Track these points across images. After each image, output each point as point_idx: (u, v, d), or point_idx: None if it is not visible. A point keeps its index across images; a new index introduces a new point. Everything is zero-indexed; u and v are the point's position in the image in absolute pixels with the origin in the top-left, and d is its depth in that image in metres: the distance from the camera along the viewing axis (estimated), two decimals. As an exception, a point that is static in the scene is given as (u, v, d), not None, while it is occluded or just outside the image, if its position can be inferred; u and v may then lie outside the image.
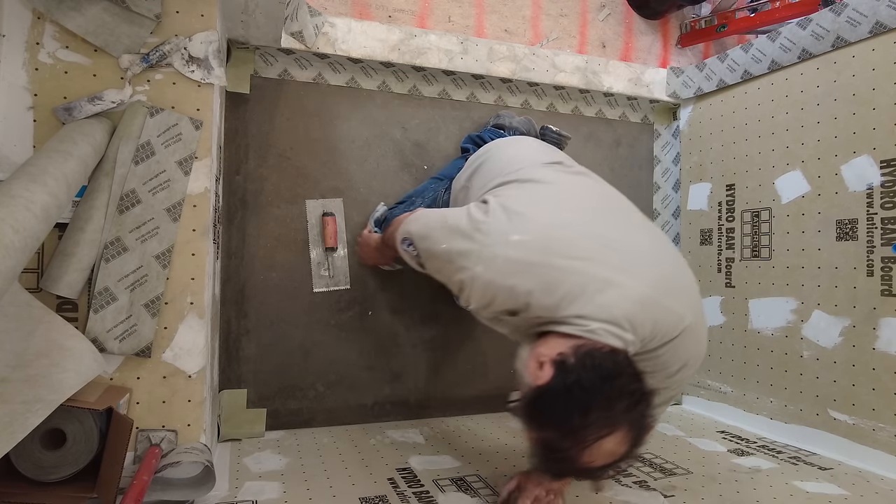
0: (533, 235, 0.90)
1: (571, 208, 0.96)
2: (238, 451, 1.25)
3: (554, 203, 0.97)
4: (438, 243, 0.97)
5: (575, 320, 0.85)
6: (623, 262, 0.89)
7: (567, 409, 0.79)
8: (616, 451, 0.79)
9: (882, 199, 1.27)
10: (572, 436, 0.78)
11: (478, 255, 0.90)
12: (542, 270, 0.88)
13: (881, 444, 1.26)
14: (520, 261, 0.88)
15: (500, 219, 0.92)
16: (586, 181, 1.08)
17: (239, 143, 1.42)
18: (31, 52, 0.98)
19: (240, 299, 1.41)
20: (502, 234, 0.90)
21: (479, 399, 1.63)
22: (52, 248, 0.97)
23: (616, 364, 0.81)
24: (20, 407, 0.78)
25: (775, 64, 1.52)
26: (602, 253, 0.90)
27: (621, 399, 0.78)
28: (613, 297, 0.86)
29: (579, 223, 0.93)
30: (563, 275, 0.87)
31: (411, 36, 1.53)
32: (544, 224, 0.92)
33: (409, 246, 1.04)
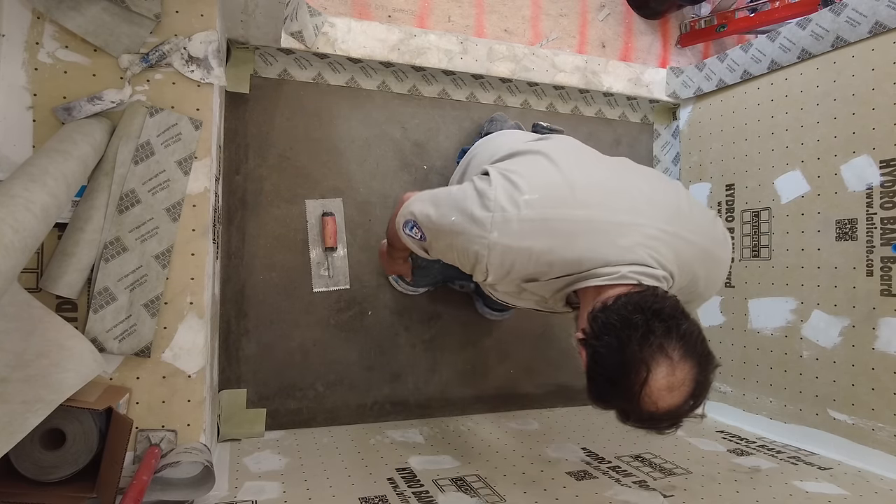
0: (541, 193, 0.89)
1: (569, 164, 0.95)
2: (238, 451, 1.24)
3: (551, 163, 0.95)
4: (447, 217, 0.94)
5: (602, 269, 0.85)
6: (632, 204, 0.90)
7: (605, 380, 0.80)
8: (673, 379, 0.76)
9: (881, 199, 1.28)
10: (624, 396, 0.78)
11: (490, 222, 0.88)
12: (559, 224, 0.87)
13: (881, 443, 1.26)
14: (534, 219, 0.87)
15: (505, 184, 0.90)
16: (573, 141, 1.08)
17: (238, 142, 1.42)
18: (30, 52, 0.98)
19: (239, 299, 1.41)
20: (511, 197, 0.88)
21: (479, 399, 1.63)
22: (52, 247, 0.97)
23: (628, 303, 0.80)
24: (20, 407, 0.78)
25: (775, 64, 1.52)
26: (609, 198, 0.90)
27: (635, 333, 0.76)
28: (634, 237, 0.86)
29: (580, 175, 0.92)
30: (579, 225, 0.87)
31: (411, 36, 1.53)
32: (548, 181, 0.91)
33: (412, 229, 1.02)
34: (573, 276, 0.89)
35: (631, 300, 0.80)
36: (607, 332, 0.79)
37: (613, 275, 0.85)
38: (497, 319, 1.63)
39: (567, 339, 1.73)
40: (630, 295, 0.82)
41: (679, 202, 0.96)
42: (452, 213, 0.93)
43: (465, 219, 0.91)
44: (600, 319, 0.81)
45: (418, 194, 1.06)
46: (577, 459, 1.27)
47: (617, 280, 0.85)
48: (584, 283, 0.88)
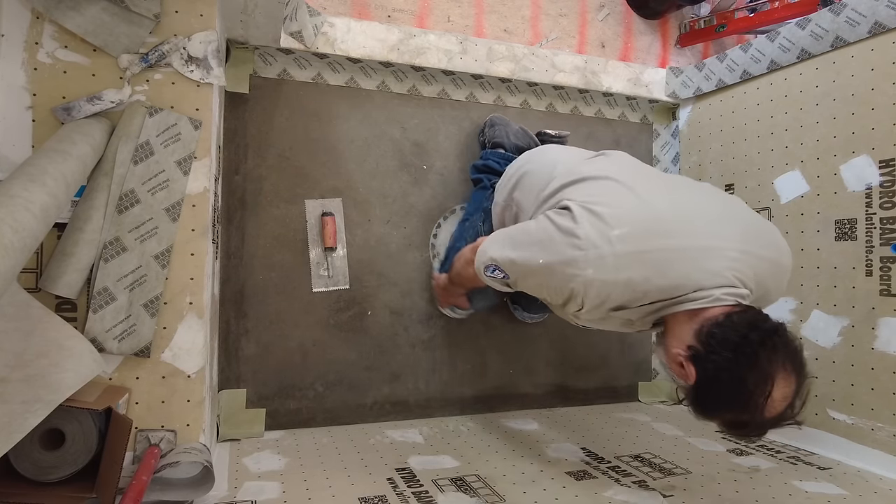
0: (631, 226, 0.91)
1: (645, 189, 0.97)
2: (237, 451, 1.24)
3: (628, 189, 0.97)
4: (533, 259, 0.95)
5: (697, 294, 0.90)
6: (710, 227, 0.95)
7: (726, 393, 0.85)
8: (789, 391, 0.83)
9: (881, 199, 1.28)
10: (746, 407, 0.83)
11: (585, 260, 0.90)
12: (652, 255, 0.90)
13: (880, 443, 1.26)
14: (629, 253, 0.90)
15: (592, 219, 0.92)
16: (628, 158, 1.11)
17: (238, 142, 1.42)
18: (30, 52, 0.98)
19: (239, 299, 1.41)
20: (601, 233, 0.90)
21: (479, 399, 1.63)
22: (51, 247, 0.97)
23: (741, 322, 0.86)
24: (19, 407, 0.78)
25: (774, 64, 1.52)
26: (691, 224, 0.94)
27: (762, 349, 0.83)
28: (721, 261, 0.92)
29: (660, 201, 0.96)
30: (671, 254, 0.91)
31: (410, 36, 1.53)
32: (634, 212, 0.93)
33: (494, 272, 1.04)
34: (667, 301, 0.93)
35: (743, 319, 0.87)
36: (726, 349, 0.84)
37: (708, 298, 0.90)
38: (536, 321, 1.64)
39: (564, 340, 1.73)
40: (740, 314, 0.88)
41: (745, 218, 1.02)
42: (539, 255, 0.95)
43: (554, 259, 0.93)
44: (717, 336, 0.86)
45: (489, 239, 1.08)
46: (576, 459, 1.27)
47: (712, 303, 0.90)
48: (679, 307, 0.93)
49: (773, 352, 0.83)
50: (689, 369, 0.89)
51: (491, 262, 1.04)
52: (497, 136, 1.55)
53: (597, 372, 1.78)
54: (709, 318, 0.89)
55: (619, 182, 0.99)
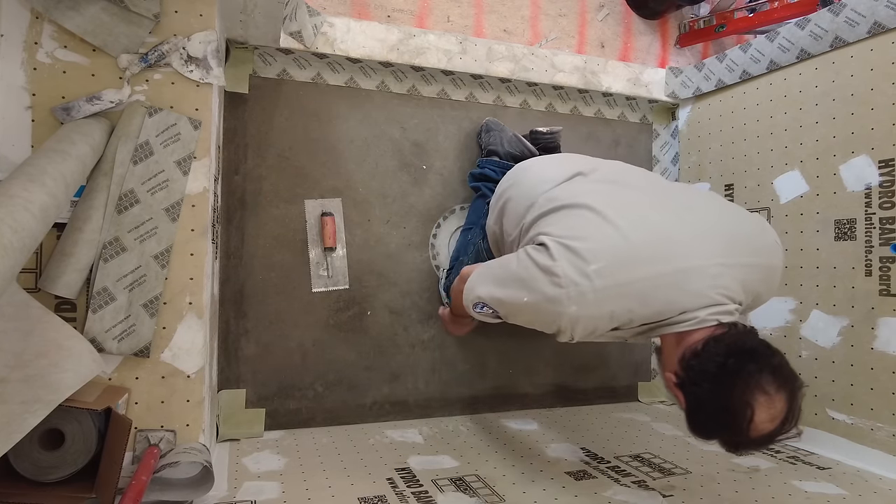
0: (606, 259, 0.91)
1: (620, 216, 0.96)
2: (237, 451, 1.24)
3: (603, 219, 0.96)
4: (518, 297, 0.96)
5: (681, 317, 0.91)
6: (690, 246, 0.94)
7: (712, 420, 0.87)
8: (775, 410, 0.83)
9: (880, 199, 1.28)
10: (734, 432, 0.85)
11: (567, 297, 0.90)
12: (632, 287, 0.91)
13: (879, 443, 1.26)
14: (608, 287, 0.90)
15: (568, 256, 0.92)
16: (611, 188, 1.08)
17: (238, 142, 1.42)
18: (29, 52, 0.98)
19: (239, 299, 1.41)
20: (578, 269, 0.90)
21: (478, 399, 1.63)
22: (51, 248, 0.97)
23: (718, 350, 0.87)
24: (19, 407, 0.78)
25: (774, 64, 1.52)
26: (669, 247, 0.93)
27: (738, 378, 0.83)
28: (701, 280, 0.92)
29: (635, 228, 0.95)
30: (650, 282, 0.91)
31: (410, 36, 1.53)
32: (609, 245, 0.93)
33: (482, 308, 1.04)
34: (653, 324, 0.95)
35: (720, 344, 0.87)
36: (705, 380, 0.86)
37: (692, 321, 0.91)
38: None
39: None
40: (717, 338, 0.88)
41: (730, 227, 1.01)
42: (523, 294, 0.95)
43: (538, 298, 0.93)
44: (695, 368, 0.88)
45: (476, 272, 1.08)
46: (576, 459, 1.27)
47: (697, 325, 0.91)
48: (665, 330, 0.94)
49: (750, 377, 0.83)
50: (679, 395, 0.92)
51: (478, 300, 1.04)
52: (492, 143, 1.56)
53: (596, 372, 1.78)
54: (690, 345, 0.90)
55: (595, 211, 0.98)
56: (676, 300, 0.91)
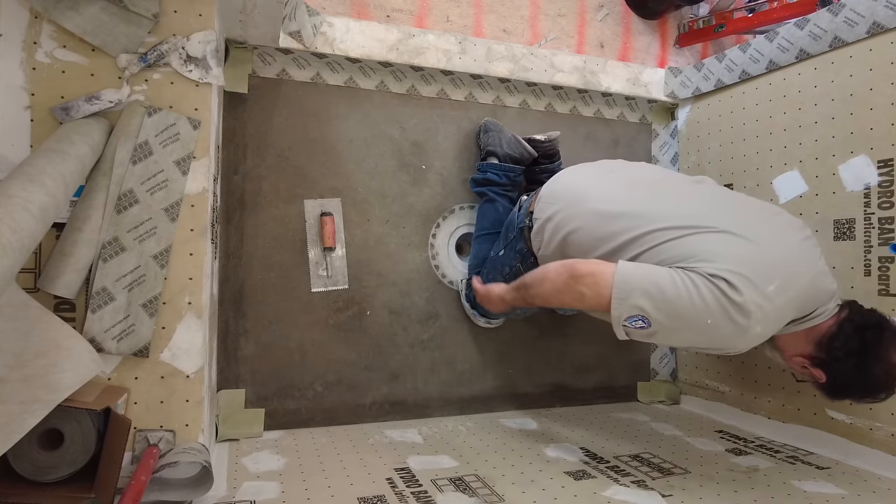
0: (779, 278, 1.02)
1: (753, 236, 1.06)
2: (236, 451, 1.24)
3: (746, 242, 1.06)
4: (701, 320, 1.00)
5: (817, 312, 1.09)
6: (803, 251, 1.11)
7: (858, 387, 1.09)
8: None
9: (879, 199, 1.28)
10: (879, 392, 1.07)
11: (755, 321, 0.99)
12: (798, 297, 1.05)
13: (879, 443, 1.26)
14: (786, 303, 1.03)
15: (748, 285, 0.99)
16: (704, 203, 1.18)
17: (237, 142, 1.42)
18: (28, 52, 0.98)
19: (238, 299, 1.41)
20: (762, 294, 0.99)
21: (478, 399, 1.63)
22: (50, 248, 0.97)
23: (853, 328, 1.07)
24: (18, 407, 0.78)
25: (773, 64, 1.52)
26: (795, 255, 1.08)
27: (880, 347, 1.05)
28: (825, 277, 1.11)
29: (772, 244, 1.07)
30: (805, 290, 1.06)
31: (409, 36, 1.53)
32: (770, 263, 1.03)
33: (636, 321, 1.02)
34: (791, 323, 1.10)
35: (852, 324, 1.07)
36: (850, 356, 1.05)
37: (825, 313, 1.09)
38: (488, 327, 1.63)
39: (563, 339, 1.73)
40: (847, 321, 1.08)
41: (798, 227, 1.17)
42: (708, 317, 1.00)
43: (724, 325, 1.00)
44: (839, 348, 1.06)
45: (634, 279, 1.02)
46: (575, 459, 1.27)
47: (826, 317, 1.10)
48: (802, 326, 1.10)
49: (889, 343, 1.04)
50: (818, 373, 1.10)
51: (638, 312, 1.01)
52: (490, 145, 1.56)
53: (595, 372, 1.78)
54: (824, 331, 1.08)
55: (730, 233, 1.06)
56: (818, 300, 1.08)
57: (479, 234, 1.57)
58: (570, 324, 1.73)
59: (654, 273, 1.03)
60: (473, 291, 1.44)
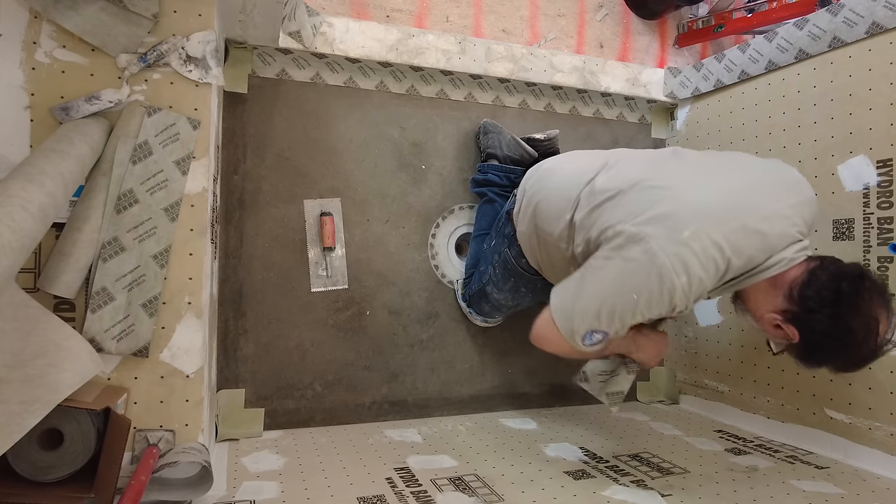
0: (696, 222, 0.96)
1: (684, 185, 1.02)
2: (236, 450, 1.24)
3: (671, 193, 1.01)
4: (630, 298, 0.97)
5: (771, 261, 0.98)
6: (760, 195, 1.02)
7: (835, 344, 0.95)
8: (892, 320, 0.94)
9: (878, 199, 1.28)
10: (859, 351, 0.95)
11: (674, 272, 0.94)
12: (727, 241, 0.96)
13: (878, 442, 1.26)
14: (706, 247, 0.95)
15: (659, 233, 0.96)
16: (652, 164, 1.13)
17: (237, 142, 1.42)
18: (27, 52, 0.98)
19: (238, 299, 1.41)
20: (675, 241, 0.95)
21: (477, 398, 1.63)
22: (50, 247, 0.97)
23: (827, 276, 0.95)
24: (17, 407, 0.78)
25: (772, 64, 1.52)
26: (742, 199, 1.00)
27: (858, 297, 0.92)
28: (781, 222, 0.99)
29: (706, 190, 1.01)
30: (742, 233, 0.97)
31: (409, 36, 1.53)
32: (691, 209, 0.98)
33: (591, 336, 1.04)
34: (745, 275, 1.00)
35: (826, 272, 0.96)
36: (825, 306, 0.93)
37: (782, 262, 0.98)
38: (486, 326, 1.63)
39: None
40: (820, 269, 0.97)
41: (775, 172, 1.09)
42: (631, 293, 0.97)
43: (649, 287, 0.96)
44: (812, 297, 0.95)
45: (559, 307, 1.06)
46: (575, 459, 1.27)
47: (788, 265, 0.98)
48: (757, 278, 1.00)
49: (869, 294, 0.93)
50: (791, 330, 0.99)
51: (587, 329, 1.03)
52: (490, 147, 1.57)
53: (595, 371, 1.78)
54: (793, 279, 0.98)
55: (657, 186, 1.02)
56: (766, 245, 0.97)
57: (477, 233, 1.57)
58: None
59: (578, 281, 1.06)
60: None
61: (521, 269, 1.37)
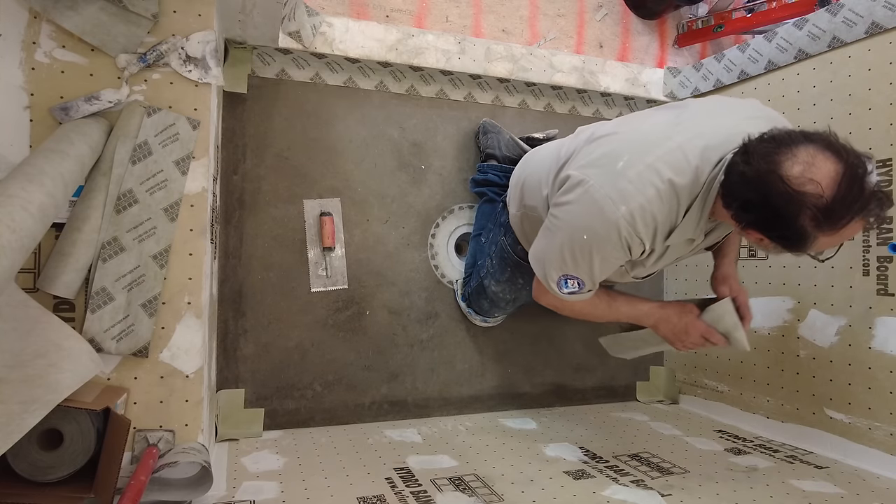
0: (628, 152, 0.97)
1: (624, 125, 1.09)
2: (236, 451, 1.24)
3: (609, 136, 1.06)
4: (580, 238, 1.00)
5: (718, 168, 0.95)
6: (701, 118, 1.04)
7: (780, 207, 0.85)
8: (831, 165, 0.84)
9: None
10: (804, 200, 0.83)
11: (611, 201, 0.95)
12: (661, 161, 0.96)
13: (877, 442, 1.26)
14: (641, 172, 0.96)
15: (595, 171, 0.99)
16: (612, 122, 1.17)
17: (236, 142, 1.42)
18: (27, 52, 0.98)
19: (237, 299, 1.41)
20: (608, 173, 0.97)
21: (477, 398, 1.63)
22: (49, 248, 0.97)
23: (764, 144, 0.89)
24: (17, 407, 0.78)
25: (772, 64, 1.52)
26: (682, 122, 1.02)
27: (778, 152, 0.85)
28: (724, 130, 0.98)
29: (639, 124, 1.07)
30: (676, 152, 0.96)
31: (409, 36, 1.53)
32: (623, 140, 1.02)
33: (566, 283, 1.07)
34: (700, 193, 0.97)
35: (761, 143, 0.88)
36: (749, 188, 0.87)
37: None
38: (486, 326, 1.63)
39: (563, 339, 1.74)
40: (757, 139, 0.89)
41: (738, 103, 1.11)
42: (580, 232, 1.00)
43: (592, 223, 0.98)
44: (736, 183, 0.89)
45: (534, 263, 1.13)
46: (574, 459, 1.27)
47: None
48: (712, 194, 0.96)
49: (801, 140, 0.85)
50: (752, 234, 0.91)
51: (560, 276, 1.07)
52: (490, 147, 1.57)
53: (595, 371, 1.78)
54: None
55: (599, 136, 1.07)
56: (707, 155, 0.95)
57: (476, 233, 1.58)
58: (570, 323, 1.73)
59: (539, 236, 1.13)
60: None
61: (516, 258, 1.38)
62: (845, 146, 0.86)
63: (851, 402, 1.32)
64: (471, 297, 1.54)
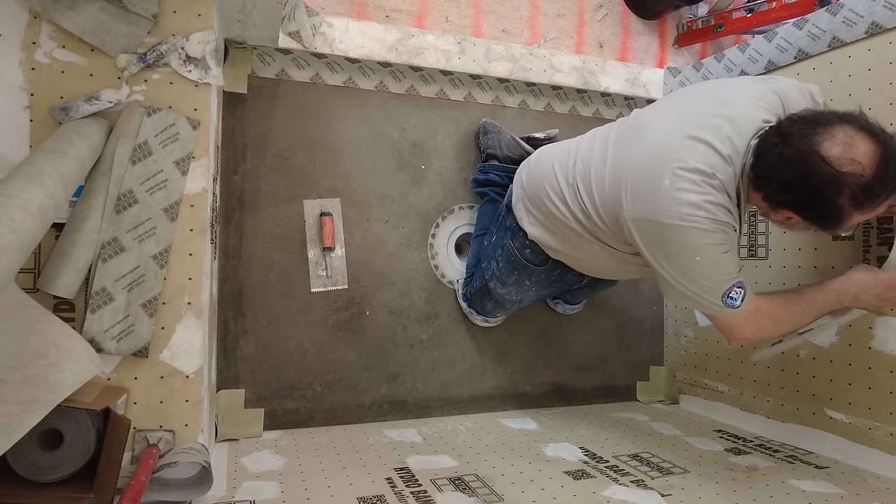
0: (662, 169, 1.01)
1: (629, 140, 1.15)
2: (236, 451, 1.24)
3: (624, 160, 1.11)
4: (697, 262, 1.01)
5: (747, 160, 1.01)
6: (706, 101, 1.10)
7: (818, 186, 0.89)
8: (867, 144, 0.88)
9: (878, 199, 1.28)
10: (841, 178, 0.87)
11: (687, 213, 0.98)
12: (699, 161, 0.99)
13: (877, 442, 1.26)
14: (689, 178, 0.98)
15: (645, 203, 1.02)
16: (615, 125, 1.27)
17: (236, 143, 1.42)
18: (27, 52, 0.98)
19: (237, 299, 1.41)
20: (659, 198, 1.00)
21: (477, 398, 1.63)
22: (49, 248, 0.97)
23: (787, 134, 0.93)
24: (17, 407, 0.78)
25: (772, 64, 1.52)
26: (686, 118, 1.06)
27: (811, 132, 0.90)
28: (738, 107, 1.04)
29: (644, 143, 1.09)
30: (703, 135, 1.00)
31: (409, 36, 1.53)
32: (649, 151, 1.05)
33: (731, 292, 1.04)
34: (739, 185, 1.00)
35: (793, 124, 0.92)
36: (788, 169, 0.90)
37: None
38: (486, 326, 1.64)
39: (563, 339, 1.74)
40: (788, 120, 0.94)
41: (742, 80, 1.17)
42: (691, 259, 1.00)
43: (690, 241, 0.99)
44: (771, 164, 0.92)
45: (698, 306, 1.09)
46: (574, 459, 1.27)
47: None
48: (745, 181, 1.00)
49: (836, 120, 0.88)
50: (782, 214, 0.96)
51: (723, 299, 1.04)
52: (490, 147, 1.57)
53: (595, 371, 1.78)
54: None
55: (621, 154, 1.12)
56: (735, 144, 0.98)
57: (478, 233, 1.57)
58: (569, 323, 1.74)
59: (675, 292, 1.09)
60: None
61: (524, 261, 1.38)
62: (878, 126, 0.89)
63: (851, 402, 1.32)
64: (473, 298, 1.54)
